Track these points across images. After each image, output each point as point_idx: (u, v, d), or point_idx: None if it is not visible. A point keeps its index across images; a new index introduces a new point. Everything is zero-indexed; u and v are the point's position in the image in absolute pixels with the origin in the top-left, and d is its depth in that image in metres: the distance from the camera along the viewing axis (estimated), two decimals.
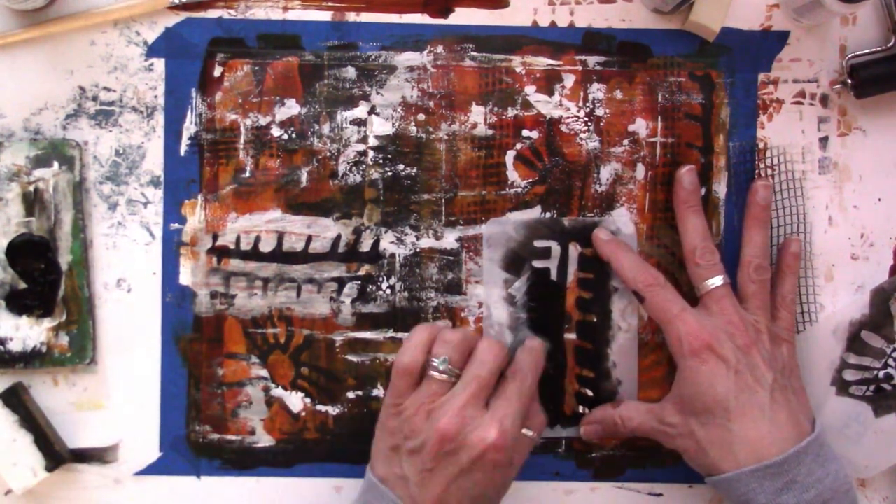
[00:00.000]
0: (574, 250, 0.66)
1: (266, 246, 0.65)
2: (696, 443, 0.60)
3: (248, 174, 0.65)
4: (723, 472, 0.59)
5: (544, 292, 0.66)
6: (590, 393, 0.66)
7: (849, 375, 0.66)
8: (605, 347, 0.66)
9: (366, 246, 0.66)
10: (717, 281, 0.61)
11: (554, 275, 0.66)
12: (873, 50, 0.66)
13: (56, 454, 0.63)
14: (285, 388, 0.66)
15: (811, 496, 0.56)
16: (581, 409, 0.66)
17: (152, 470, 0.65)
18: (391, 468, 0.59)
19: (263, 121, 0.65)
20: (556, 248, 0.66)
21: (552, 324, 0.66)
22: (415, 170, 0.66)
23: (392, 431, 0.59)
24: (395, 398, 0.59)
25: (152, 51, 0.65)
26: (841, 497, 0.57)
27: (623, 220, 0.66)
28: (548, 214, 0.66)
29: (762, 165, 0.66)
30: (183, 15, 0.65)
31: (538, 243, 0.66)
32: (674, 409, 0.62)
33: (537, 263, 0.66)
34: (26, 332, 0.64)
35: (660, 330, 0.63)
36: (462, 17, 0.65)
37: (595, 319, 0.66)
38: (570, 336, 0.66)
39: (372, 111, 0.65)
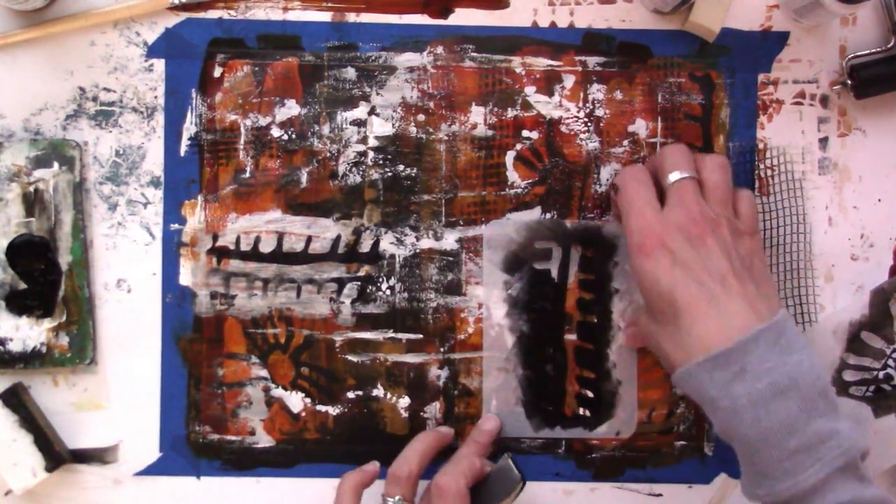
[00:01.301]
0: (576, 252, 0.66)
1: (266, 246, 0.65)
2: (656, 342, 0.59)
3: (248, 175, 0.65)
4: (675, 363, 0.57)
5: (545, 293, 0.66)
6: (590, 394, 0.66)
7: (848, 376, 0.66)
8: (605, 348, 0.66)
9: (366, 246, 0.66)
10: (682, 174, 0.59)
11: (555, 276, 0.66)
12: (873, 50, 0.66)
13: (56, 454, 0.63)
14: (285, 389, 0.66)
15: (763, 385, 0.53)
16: (581, 410, 0.66)
17: (152, 470, 0.65)
18: None
19: (263, 121, 0.65)
20: (557, 249, 0.66)
21: (552, 324, 0.66)
22: (415, 170, 0.66)
23: None
24: None
25: (152, 51, 0.65)
26: (804, 387, 0.53)
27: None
28: (548, 215, 0.66)
29: (762, 166, 0.66)
30: (183, 15, 0.65)
31: (539, 245, 0.66)
32: (645, 312, 0.61)
33: (538, 265, 0.66)
34: (26, 333, 0.64)
35: None
36: (462, 17, 0.65)
37: (595, 320, 0.66)
38: (571, 337, 0.66)
39: (372, 112, 0.65)
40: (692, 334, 0.56)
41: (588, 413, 0.66)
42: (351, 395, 0.66)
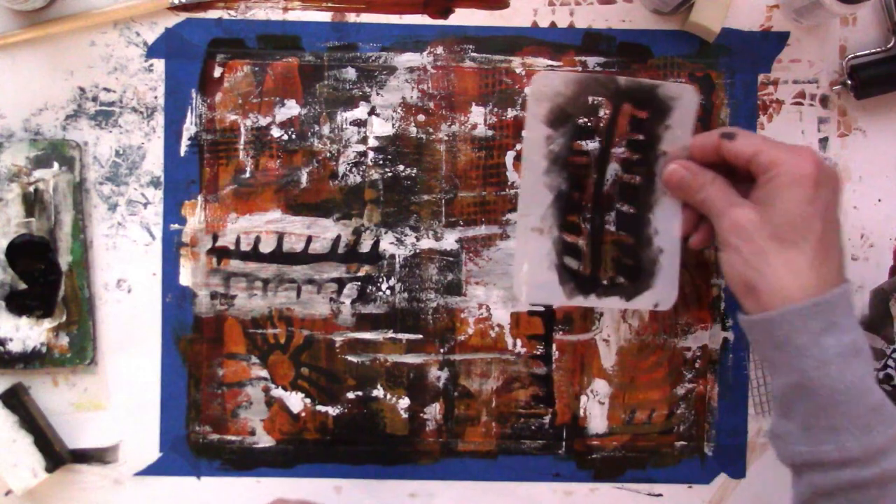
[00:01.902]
0: (627, 109, 0.62)
1: (266, 246, 0.65)
2: (762, 259, 0.57)
3: (248, 175, 0.65)
4: (768, 303, 0.56)
5: (587, 151, 0.63)
6: (629, 261, 0.63)
7: None
8: (647, 212, 0.63)
9: (366, 247, 0.66)
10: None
11: (601, 134, 0.62)
12: (873, 50, 0.66)
13: (56, 455, 0.63)
14: (285, 389, 0.66)
15: (848, 340, 0.54)
16: (620, 279, 0.63)
17: (152, 470, 0.65)
18: None
19: (263, 121, 0.65)
20: (607, 106, 0.62)
21: (594, 183, 0.63)
22: (415, 170, 0.66)
23: None
24: None
25: (152, 51, 0.65)
26: (869, 351, 0.55)
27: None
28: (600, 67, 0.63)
29: None
30: (183, 15, 0.65)
31: (589, 99, 0.62)
32: (755, 213, 0.57)
33: (584, 121, 0.62)
34: (26, 333, 0.64)
35: (660, 331, 0.63)
36: (462, 17, 0.65)
37: (639, 181, 0.62)
38: (612, 198, 0.63)
39: (372, 112, 0.65)
40: (818, 271, 0.55)
41: (626, 281, 0.63)
42: (351, 395, 0.66)
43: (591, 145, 0.63)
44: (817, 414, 0.55)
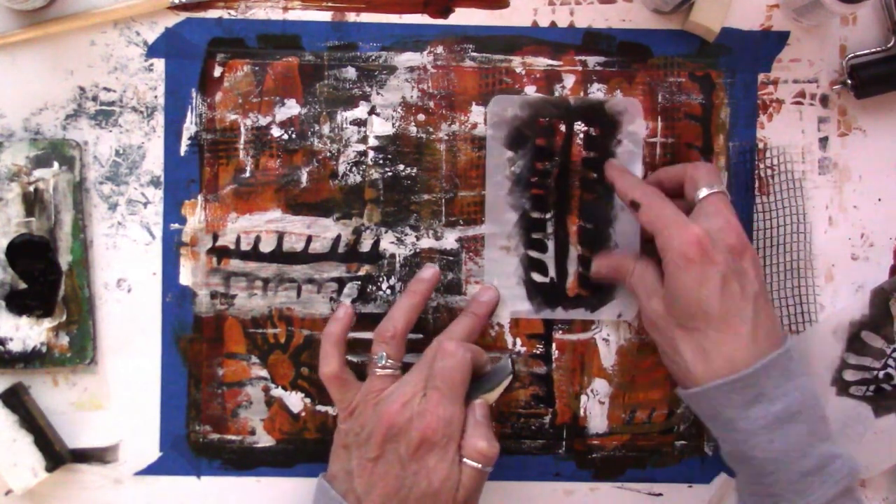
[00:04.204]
0: (580, 129, 0.65)
1: (266, 246, 0.65)
2: (673, 345, 0.58)
3: (248, 174, 0.65)
4: (693, 383, 0.57)
5: (547, 171, 0.65)
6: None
7: (849, 376, 0.66)
8: (607, 227, 0.65)
9: (366, 246, 0.66)
10: (712, 188, 0.59)
11: (558, 153, 0.65)
12: (873, 50, 0.66)
13: (56, 454, 0.63)
14: (285, 388, 0.66)
15: (779, 409, 0.55)
16: (584, 292, 0.66)
17: (152, 470, 0.65)
18: (340, 465, 0.60)
19: (263, 121, 0.65)
20: (560, 126, 0.65)
21: (555, 202, 0.65)
22: (415, 170, 0.66)
23: (345, 432, 0.60)
24: (340, 402, 0.61)
25: (152, 51, 0.65)
26: (809, 411, 0.55)
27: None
28: (554, 94, 0.65)
29: (762, 166, 0.66)
30: (183, 15, 0.65)
31: (543, 121, 0.65)
32: (661, 305, 0.59)
33: (541, 142, 0.65)
34: (26, 332, 0.64)
35: None
36: (462, 17, 0.65)
37: (598, 197, 0.65)
38: (573, 215, 0.66)
39: (372, 111, 0.65)
40: (722, 351, 0.56)
41: (590, 294, 0.66)
42: None
43: (550, 165, 0.65)
44: (756, 481, 0.56)
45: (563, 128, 0.65)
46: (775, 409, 0.55)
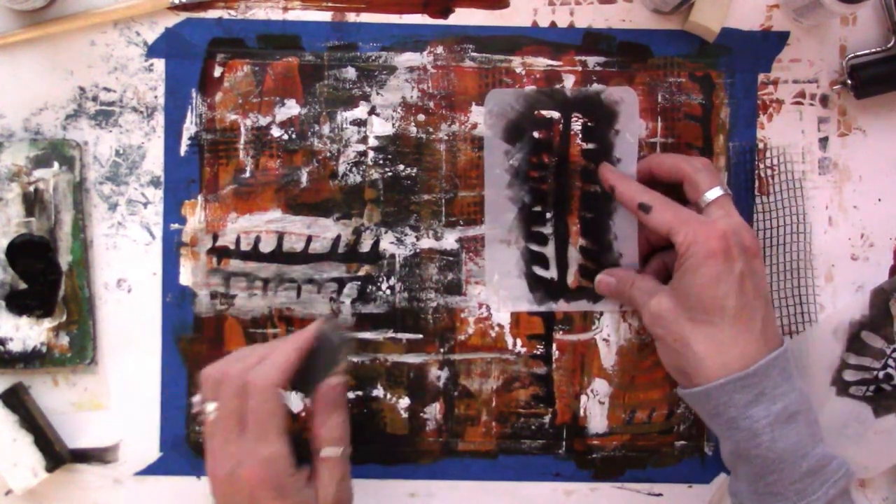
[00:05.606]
0: (577, 121, 0.65)
1: (266, 246, 0.65)
2: (683, 340, 0.58)
3: (248, 174, 0.65)
4: (703, 377, 0.57)
5: (545, 163, 0.65)
6: (592, 267, 0.66)
7: (849, 376, 0.66)
8: (607, 219, 0.65)
9: (366, 246, 0.66)
10: (718, 191, 0.60)
11: (556, 145, 0.65)
12: (873, 50, 0.66)
13: (56, 454, 0.63)
14: (285, 389, 0.66)
15: (778, 408, 0.56)
16: (584, 282, 0.66)
17: (152, 470, 0.65)
18: None
19: (263, 121, 0.65)
20: (557, 118, 0.65)
21: (554, 194, 0.65)
22: (415, 170, 0.66)
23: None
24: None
25: (152, 51, 0.65)
26: (806, 412, 0.57)
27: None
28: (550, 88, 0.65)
29: (762, 166, 0.66)
30: (183, 15, 0.65)
31: (539, 113, 0.65)
32: (671, 300, 0.59)
33: (538, 134, 0.65)
34: (26, 332, 0.64)
35: None
36: (462, 17, 0.65)
37: (598, 189, 0.65)
38: (572, 208, 0.66)
39: (372, 112, 0.65)
40: (738, 344, 0.57)
41: (591, 285, 0.66)
42: (351, 395, 0.66)
43: (549, 158, 0.65)
44: (757, 479, 0.57)
45: (560, 121, 0.65)
46: (776, 408, 0.56)
